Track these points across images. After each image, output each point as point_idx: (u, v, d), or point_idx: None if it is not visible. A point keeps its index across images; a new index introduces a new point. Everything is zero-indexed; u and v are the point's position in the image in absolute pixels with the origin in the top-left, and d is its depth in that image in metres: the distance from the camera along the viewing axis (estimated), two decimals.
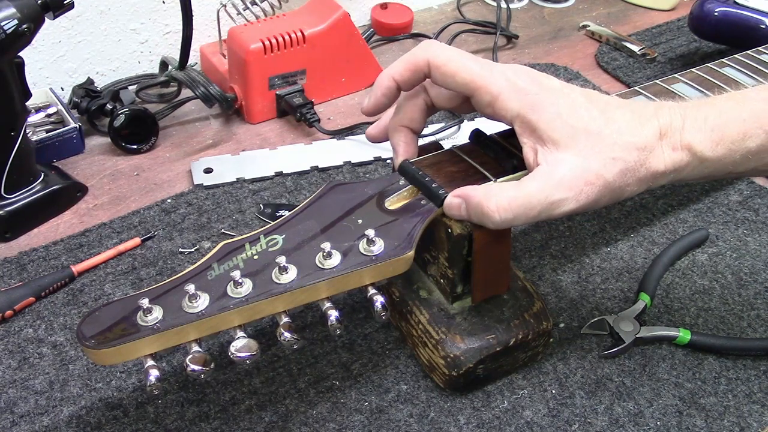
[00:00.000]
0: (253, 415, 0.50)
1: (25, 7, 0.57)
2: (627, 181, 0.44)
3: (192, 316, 0.41)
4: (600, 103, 0.45)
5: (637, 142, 0.44)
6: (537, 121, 0.44)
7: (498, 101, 0.45)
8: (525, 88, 0.45)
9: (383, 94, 0.50)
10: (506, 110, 0.45)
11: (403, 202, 0.48)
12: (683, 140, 0.44)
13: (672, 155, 0.44)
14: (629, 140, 0.44)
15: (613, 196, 0.44)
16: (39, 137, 0.70)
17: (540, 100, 0.44)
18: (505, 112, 0.45)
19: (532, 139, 0.45)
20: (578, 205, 0.43)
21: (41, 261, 0.61)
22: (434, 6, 1.04)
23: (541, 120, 0.44)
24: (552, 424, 0.50)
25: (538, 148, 0.44)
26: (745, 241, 0.65)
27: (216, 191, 0.69)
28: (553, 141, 0.44)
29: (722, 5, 0.83)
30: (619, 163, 0.43)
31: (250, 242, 0.45)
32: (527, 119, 0.44)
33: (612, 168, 0.43)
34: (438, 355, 0.50)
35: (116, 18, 0.80)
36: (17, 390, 0.52)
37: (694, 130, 0.44)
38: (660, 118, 0.45)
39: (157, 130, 0.74)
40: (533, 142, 0.45)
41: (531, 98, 0.45)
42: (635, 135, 0.44)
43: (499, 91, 0.45)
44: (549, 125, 0.44)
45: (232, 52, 0.77)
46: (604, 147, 0.43)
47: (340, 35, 0.79)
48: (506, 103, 0.45)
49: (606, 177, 0.43)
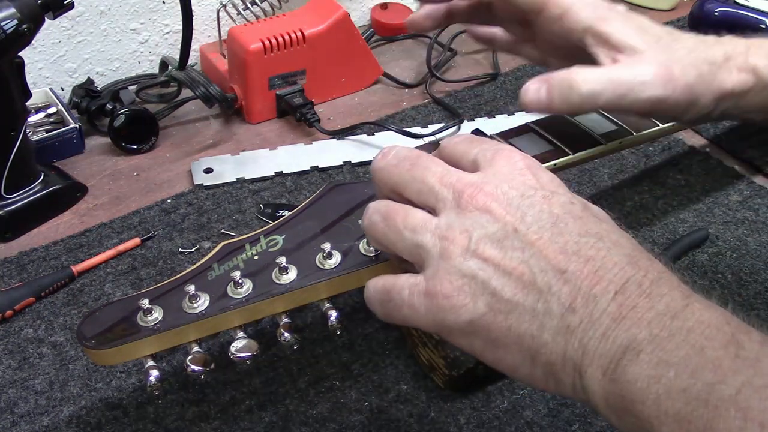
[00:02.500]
0: (253, 415, 0.50)
1: (25, 7, 0.57)
2: (702, 90, 0.45)
3: (192, 316, 0.41)
4: (665, 27, 0.47)
5: (706, 57, 0.45)
6: (611, 31, 0.45)
7: (569, 13, 0.46)
8: (594, 2, 0.46)
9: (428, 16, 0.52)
10: (577, 22, 0.46)
11: None
12: (748, 62, 0.45)
13: (738, 76, 0.45)
14: (699, 55, 0.45)
15: (693, 102, 0.45)
16: (39, 137, 0.70)
17: (609, 14, 0.46)
18: (575, 24, 0.46)
19: (606, 47, 0.45)
20: (666, 93, 0.44)
21: (41, 261, 0.61)
22: None
23: (614, 29, 0.45)
24: (552, 424, 0.50)
25: (616, 55, 0.45)
26: (745, 241, 0.65)
27: (216, 191, 0.69)
28: (630, 47, 0.45)
29: (722, 5, 0.83)
30: (696, 69, 0.44)
31: (250, 242, 0.45)
32: (599, 30, 0.45)
33: (691, 72, 0.44)
34: (438, 355, 0.50)
35: (116, 18, 0.80)
36: (17, 390, 0.52)
37: (759, 55, 0.46)
38: (724, 44, 0.46)
39: (157, 130, 0.74)
40: (608, 50, 0.45)
41: (600, 11, 0.46)
42: (704, 52, 0.45)
43: (571, 3, 0.46)
44: (624, 34, 0.45)
45: (232, 52, 0.77)
46: (678, 56, 0.45)
47: (340, 35, 0.79)
48: (577, 15, 0.46)
49: (688, 78, 0.44)
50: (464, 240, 0.33)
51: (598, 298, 0.31)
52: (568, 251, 0.32)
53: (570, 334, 0.31)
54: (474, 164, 0.36)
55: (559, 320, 0.31)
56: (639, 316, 0.30)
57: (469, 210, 0.34)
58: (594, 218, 0.34)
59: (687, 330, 0.29)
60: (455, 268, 0.33)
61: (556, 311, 0.31)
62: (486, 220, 0.33)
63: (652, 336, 0.29)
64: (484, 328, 0.33)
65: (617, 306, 0.30)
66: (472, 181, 0.35)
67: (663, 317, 0.30)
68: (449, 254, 0.33)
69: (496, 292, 0.32)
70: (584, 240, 0.32)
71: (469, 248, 0.33)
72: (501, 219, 0.33)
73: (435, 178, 0.35)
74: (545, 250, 0.32)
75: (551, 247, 0.32)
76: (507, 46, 0.56)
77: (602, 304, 0.31)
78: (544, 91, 0.44)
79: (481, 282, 0.32)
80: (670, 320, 0.30)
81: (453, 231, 0.33)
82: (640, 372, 0.29)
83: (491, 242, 0.33)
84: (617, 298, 0.30)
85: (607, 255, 0.32)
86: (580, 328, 0.31)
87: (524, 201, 0.34)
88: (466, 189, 0.34)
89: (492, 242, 0.33)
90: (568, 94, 0.44)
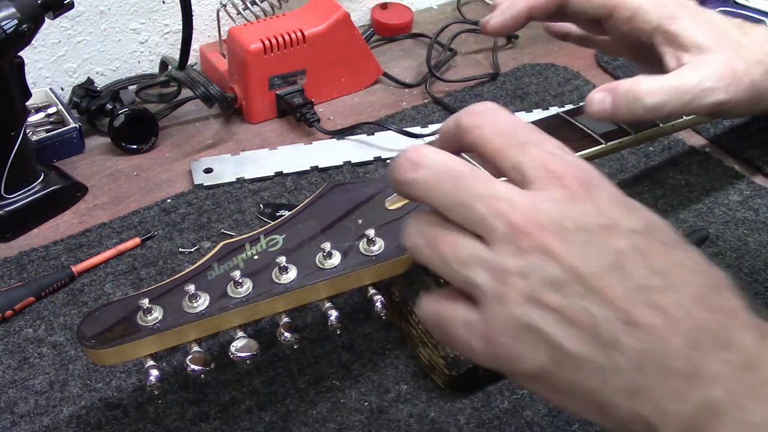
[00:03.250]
0: (253, 415, 0.50)
1: (25, 7, 0.57)
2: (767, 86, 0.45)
3: (192, 316, 0.41)
4: (735, 20, 0.48)
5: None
6: (678, 30, 0.46)
7: (638, 15, 0.47)
8: (662, 1, 0.47)
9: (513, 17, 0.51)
10: (646, 22, 0.47)
11: (403, 202, 0.48)
12: None
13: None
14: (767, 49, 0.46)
15: (757, 99, 0.45)
16: (39, 137, 0.70)
17: (678, 12, 0.47)
18: (645, 24, 0.47)
19: (674, 47, 0.47)
20: (728, 96, 0.45)
21: (41, 261, 0.61)
22: (434, 6, 1.04)
23: (682, 28, 0.46)
24: (552, 424, 0.50)
25: (682, 54, 0.46)
26: (745, 241, 0.65)
27: (216, 191, 0.69)
28: (697, 45, 0.46)
29: (722, 5, 0.83)
30: (763, 65, 0.45)
31: (250, 242, 0.45)
32: (668, 29, 0.47)
33: (757, 69, 0.45)
34: (438, 355, 0.50)
35: (116, 18, 0.80)
36: (17, 390, 0.52)
37: None
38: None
39: (157, 130, 0.74)
40: (675, 50, 0.47)
41: (669, 10, 0.47)
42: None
43: (639, 4, 0.47)
44: (691, 32, 0.46)
45: (232, 52, 0.77)
46: (746, 51, 0.45)
47: (340, 35, 0.79)
48: (646, 16, 0.47)
49: (753, 76, 0.45)
50: (522, 285, 0.30)
51: (670, 356, 0.28)
52: (634, 298, 0.29)
53: (641, 394, 0.29)
54: (521, 175, 0.32)
55: (629, 380, 0.29)
56: (715, 373, 0.28)
57: (526, 250, 0.30)
58: (660, 245, 0.31)
59: None
60: (513, 316, 0.30)
61: (625, 369, 0.29)
62: (545, 261, 0.30)
63: (731, 395, 0.28)
64: (547, 379, 0.30)
65: (691, 365, 0.28)
66: (527, 214, 0.30)
67: (740, 371, 0.28)
68: (506, 299, 0.30)
69: (559, 345, 0.29)
70: (652, 283, 0.29)
71: (527, 294, 0.30)
72: (561, 260, 0.30)
73: (484, 205, 0.31)
74: (610, 297, 0.29)
75: (616, 293, 0.29)
76: (581, 41, 0.57)
77: (674, 362, 0.28)
78: (609, 102, 0.45)
79: (543, 333, 0.29)
80: (748, 373, 0.28)
81: (509, 273, 0.30)
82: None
83: (552, 287, 0.29)
84: (690, 356, 0.28)
85: (677, 301, 0.29)
86: (652, 388, 0.29)
87: (584, 237, 0.30)
88: (521, 224, 0.30)
89: (552, 288, 0.29)
90: (633, 106, 0.45)
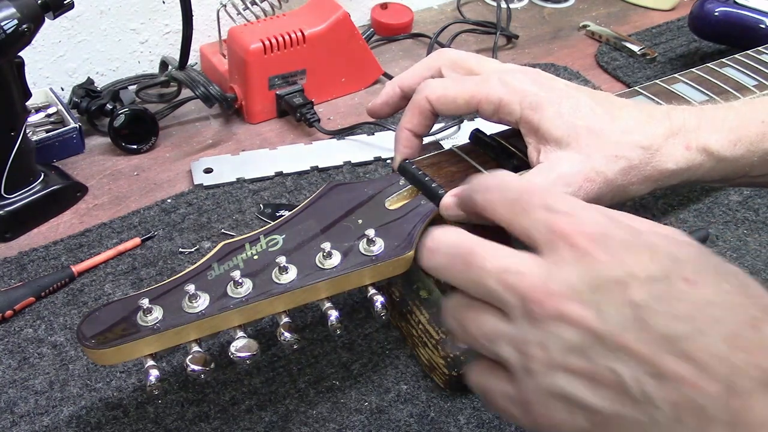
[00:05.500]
0: (253, 415, 0.50)
1: (25, 7, 0.57)
2: (631, 179, 0.44)
3: (192, 316, 0.41)
4: (606, 103, 0.45)
5: (641, 140, 0.44)
6: (539, 120, 0.44)
7: (501, 108, 0.45)
8: (524, 89, 0.45)
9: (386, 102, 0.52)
10: (509, 114, 0.45)
11: (403, 202, 0.48)
12: (699, 140, 0.44)
13: (685, 154, 0.44)
14: (633, 138, 0.44)
15: (616, 194, 0.44)
16: (39, 137, 0.70)
17: (540, 100, 0.44)
18: (509, 116, 0.45)
19: (535, 138, 0.45)
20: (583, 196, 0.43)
21: (41, 261, 0.61)
22: (434, 6, 1.04)
23: (543, 119, 0.44)
24: None
25: (541, 147, 0.45)
26: (745, 241, 0.65)
27: (216, 191, 0.69)
28: (554, 139, 0.44)
29: (722, 5, 0.83)
30: (622, 161, 0.43)
31: (250, 242, 0.45)
32: (529, 119, 0.45)
33: (613, 166, 0.43)
34: (438, 355, 0.50)
35: (116, 18, 0.80)
36: (17, 390, 0.52)
37: (711, 130, 0.45)
38: (672, 119, 0.45)
39: (157, 130, 0.74)
40: (536, 142, 0.45)
41: (531, 98, 0.45)
42: (641, 133, 0.44)
43: (499, 97, 0.45)
44: (550, 124, 0.44)
45: (232, 52, 0.77)
46: (606, 145, 0.43)
47: (340, 35, 0.79)
48: (508, 107, 0.45)
49: (607, 174, 0.43)
50: (543, 355, 0.30)
51: (707, 406, 0.27)
52: (659, 350, 0.28)
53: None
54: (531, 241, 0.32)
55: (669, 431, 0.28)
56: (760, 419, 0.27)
57: (542, 320, 0.30)
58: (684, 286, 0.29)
59: None
60: (542, 386, 0.30)
61: (663, 422, 0.28)
62: (562, 328, 0.30)
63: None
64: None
65: (732, 412, 0.27)
66: (536, 283, 0.30)
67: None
68: (532, 372, 0.30)
69: (593, 408, 0.29)
70: (677, 331, 0.28)
71: (551, 363, 0.30)
72: (577, 324, 0.29)
73: (494, 281, 0.31)
74: (634, 352, 0.28)
75: (639, 347, 0.28)
76: None
77: (713, 412, 0.27)
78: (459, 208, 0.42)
79: (574, 398, 0.30)
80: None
81: (530, 345, 0.30)
82: None
83: (573, 353, 0.29)
84: (729, 403, 0.27)
85: (706, 346, 0.28)
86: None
87: (598, 296, 0.29)
88: (532, 294, 0.30)
89: (574, 353, 0.29)
90: None
